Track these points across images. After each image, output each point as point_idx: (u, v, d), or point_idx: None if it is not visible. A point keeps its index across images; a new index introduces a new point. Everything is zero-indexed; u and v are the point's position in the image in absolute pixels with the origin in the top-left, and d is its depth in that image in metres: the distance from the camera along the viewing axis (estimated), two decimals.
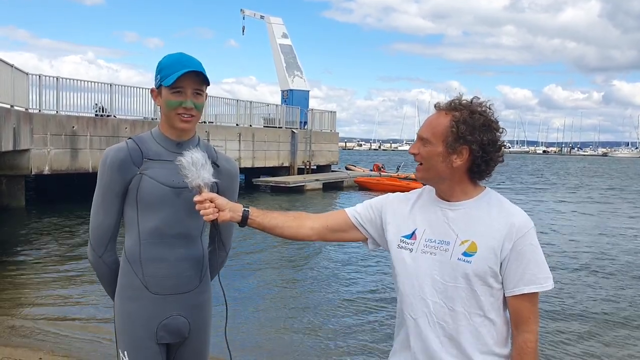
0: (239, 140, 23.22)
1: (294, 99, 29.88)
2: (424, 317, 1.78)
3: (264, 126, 26.20)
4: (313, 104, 61.00)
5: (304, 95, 31.03)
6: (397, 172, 29.91)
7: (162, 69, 2.04)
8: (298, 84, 30.92)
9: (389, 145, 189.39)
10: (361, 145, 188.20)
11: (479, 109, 1.76)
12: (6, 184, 15.51)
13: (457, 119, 1.73)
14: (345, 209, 2.02)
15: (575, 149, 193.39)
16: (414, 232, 1.84)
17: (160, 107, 2.10)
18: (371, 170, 31.16)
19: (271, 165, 25.52)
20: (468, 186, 1.81)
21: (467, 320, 1.73)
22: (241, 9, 32.47)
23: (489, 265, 1.71)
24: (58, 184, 18.21)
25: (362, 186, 25.99)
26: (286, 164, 26.43)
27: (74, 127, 16.56)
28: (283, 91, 31.16)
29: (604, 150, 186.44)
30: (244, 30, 33.16)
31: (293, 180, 23.87)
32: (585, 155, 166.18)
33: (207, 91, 2.11)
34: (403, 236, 1.85)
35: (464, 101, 1.78)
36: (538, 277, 1.71)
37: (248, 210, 1.96)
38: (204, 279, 2.19)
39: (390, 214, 1.92)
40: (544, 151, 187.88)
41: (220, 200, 1.94)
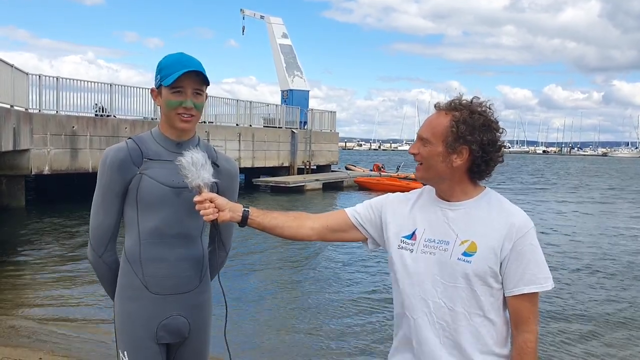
0: (239, 140, 23.23)
1: (294, 99, 29.88)
2: (424, 317, 1.78)
3: (264, 126, 26.20)
4: (313, 104, 61.08)
5: (304, 95, 31.02)
6: (397, 172, 29.92)
7: (162, 69, 2.04)
8: (298, 84, 30.92)
9: (389, 145, 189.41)
10: (361, 145, 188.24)
11: (479, 109, 1.76)
12: (6, 184, 15.51)
13: (457, 119, 1.73)
14: (345, 209, 2.02)
15: (575, 149, 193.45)
16: (414, 233, 1.84)
17: (160, 107, 2.10)
18: (371, 170, 31.15)
19: (271, 165, 25.53)
20: (468, 186, 1.81)
21: (467, 320, 1.73)
22: (241, 9, 32.52)
23: (488, 265, 1.71)
24: (58, 184, 18.21)
25: (362, 186, 25.99)
26: (286, 164, 26.44)
27: (74, 127, 16.57)
28: (283, 91, 31.16)
29: (604, 150, 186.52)
30: (244, 30, 33.21)
31: (293, 180, 23.87)
32: (585, 155, 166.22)
33: (207, 91, 2.11)
34: (403, 236, 1.85)
35: (464, 101, 1.78)
36: (538, 277, 1.71)
37: (248, 210, 1.96)
38: (204, 279, 2.19)
39: (390, 214, 1.92)
40: (544, 151, 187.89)
41: (220, 200, 1.94)
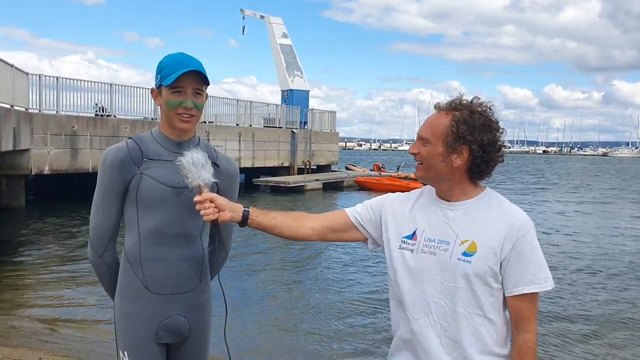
0: (239, 140, 23.23)
1: (294, 99, 29.89)
2: (425, 318, 1.78)
3: (264, 126, 26.21)
4: (313, 103, 61.02)
5: (304, 95, 31.04)
6: (397, 172, 29.93)
7: (163, 69, 2.04)
8: (298, 83, 30.93)
9: (389, 145, 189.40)
10: (361, 145, 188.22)
11: (479, 109, 1.76)
12: (6, 184, 15.51)
13: (457, 118, 1.73)
14: (345, 209, 2.02)
15: (576, 149, 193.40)
16: (414, 233, 1.84)
17: (160, 107, 2.10)
18: (371, 170, 31.18)
19: (271, 165, 25.54)
20: (468, 186, 1.81)
21: (468, 320, 1.73)
22: (241, 9, 32.57)
23: (488, 265, 1.71)
24: (58, 184, 18.22)
25: (362, 186, 25.99)
26: (286, 164, 26.45)
27: (74, 127, 16.57)
28: (283, 91, 31.17)
29: (604, 150, 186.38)
30: (244, 30, 33.26)
31: (293, 180, 23.86)
32: (585, 155, 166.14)
33: (207, 91, 2.11)
34: (404, 237, 1.86)
35: (464, 101, 1.79)
36: (538, 277, 1.71)
37: (248, 210, 1.96)
38: (204, 278, 2.19)
39: (391, 214, 1.92)
40: (544, 151, 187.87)
41: (221, 200, 1.94)
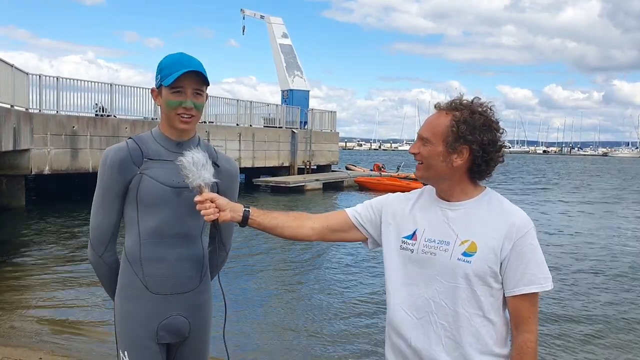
0: (239, 140, 23.23)
1: (294, 98, 29.89)
2: (425, 318, 1.78)
3: (264, 126, 26.21)
4: (313, 103, 61.05)
5: (304, 95, 31.03)
6: (398, 172, 29.92)
7: (163, 69, 2.04)
8: (298, 83, 30.93)
9: (389, 145, 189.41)
10: (361, 145, 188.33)
11: (480, 109, 1.76)
12: (6, 184, 15.51)
13: (458, 118, 1.74)
14: (346, 209, 2.02)
15: (576, 149, 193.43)
16: (414, 233, 1.84)
17: (160, 107, 2.10)
18: (371, 170, 31.18)
19: (271, 165, 25.54)
20: (468, 186, 1.81)
21: (468, 320, 1.73)
22: (241, 9, 32.55)
23: (488, 265, 1.71)
24: (58, 184, 18.22)
25: (362, 186, 25.99)
26: (286, 164, 26.45)
27: (74, 127, 16.57)
28: (283, 91, 31.17)
29: (604, 150, 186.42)
30: (244, 30, 33.26)
31: (293, 180, 23.86)
32: (585, 155, 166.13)
33: (207, 91, 2.11)
34: (404, 237, 1.86)
35: (464, 101, 1.79)
36: (538, 277, 1.71)
37: (249, 210, 1.96)
38: (204, 278, 2.19)
39: (391, 214, 1.92)
40: (544, 151, 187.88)
41: (221, 200, 1.94)
